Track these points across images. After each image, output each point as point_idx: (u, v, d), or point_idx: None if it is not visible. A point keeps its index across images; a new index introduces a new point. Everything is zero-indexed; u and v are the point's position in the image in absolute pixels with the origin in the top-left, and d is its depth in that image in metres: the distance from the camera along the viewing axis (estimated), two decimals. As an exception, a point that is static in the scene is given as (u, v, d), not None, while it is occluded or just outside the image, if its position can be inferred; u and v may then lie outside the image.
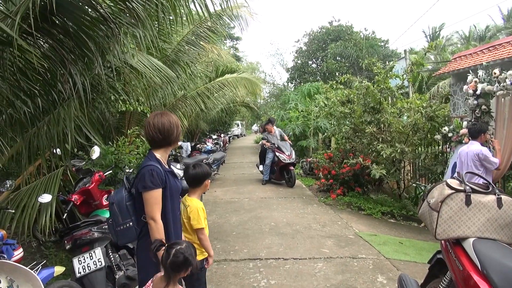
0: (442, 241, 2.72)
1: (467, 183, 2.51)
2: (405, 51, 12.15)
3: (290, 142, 10.83)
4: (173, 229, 2.55)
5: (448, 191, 2.50)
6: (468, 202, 2.45)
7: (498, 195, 2.48)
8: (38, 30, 3.42)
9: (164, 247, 2.18)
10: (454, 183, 2.55)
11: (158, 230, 2.37)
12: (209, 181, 3.01)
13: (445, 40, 27.63)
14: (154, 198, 2.40)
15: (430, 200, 2.58)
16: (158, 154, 2.56)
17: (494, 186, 2.56)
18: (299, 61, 27.10)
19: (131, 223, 2.51)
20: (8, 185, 3.96)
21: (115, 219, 2.53)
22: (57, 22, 3.44)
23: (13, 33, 2.74)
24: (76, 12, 3.45)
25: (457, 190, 2.48)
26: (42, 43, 3.73)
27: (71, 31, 3.53)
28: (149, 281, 2.26)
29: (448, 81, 13.22)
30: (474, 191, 2.48)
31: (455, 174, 6.09)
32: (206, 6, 4.55)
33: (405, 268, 4.55)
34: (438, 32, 28.44)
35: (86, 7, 3.47)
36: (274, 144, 10.13)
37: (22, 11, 2.88)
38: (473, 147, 5.03)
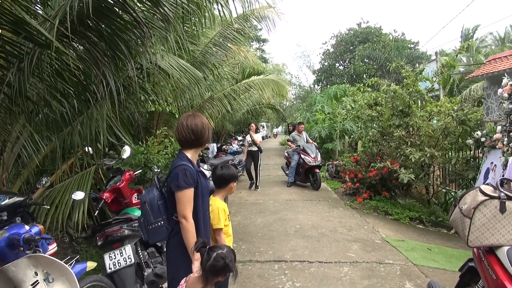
0: (474, 249, 2.65)
1: (502, 190, 2.43)
2: (436, 53, 11.86)
3: (315, 144, 10.75)
4: (203, 228, 2.58)
5: (481, 197, 2.43)
6: (502, 209, 2.37)
7: (535, 202, 2.39)
8: (75, 33, 3.56)
9: (205, 249, 2.21)
10: (488, 189, 2.48)
11: (189, 229, 2.40)
12: (235, 183, 3.00)
13: (479, 42, 26.78)
14: (187, 197, 2.43)
15: (462, 206, 2.52)
16: (189, 154, 2.60)
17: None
18: (326, 63, 26.94)
19: (162, 222, 2.57)
20: (44, 181, 4.13)
21: (147, 218, 2.58)
22: (92, 25, 3.55)
23: (51, 37, 2.85)
24: (110, 16, 3.56)
25: (491, 197, 2.41)
26: (77, 46, 3.88)
27: (105, 34, 3.64)
28: (183, 280, 2.27)
29: (480, 84, 12.80)
30: (509, 198, 2.40)
31: (488, 181, 5.92)
32: (230, 11, 4.63)
33: (433, 275, 4.44)
34: (472, 34, 27.56)
35: (120, 11, 3.57)
36: (299, 146, 10.09)
37: (60, 15, 2.99)
38: None
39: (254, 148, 9.92)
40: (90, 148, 4.66)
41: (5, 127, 3.97)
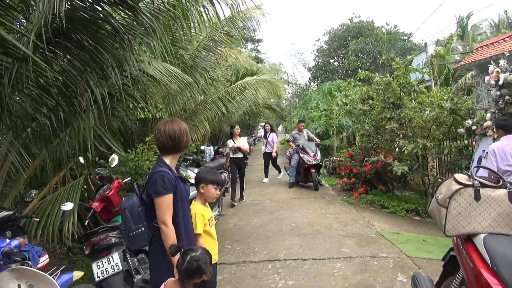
0: (454, 238, 2.67)
1: (476, 177, 2.44)
2: (425, 44, 11.82)
3: (318, 141, 10.62)
4: (184, 233, 2.60)
5: (456, 186, 2.44)
6: (477, 197, 2.38)
7: (509, 188, 2.40)
8: (56, 45, 3.60)
9: (180, 252, 2.23)
10: (463, 178, 2.49)
11: (169, 235, 2.43)
12: (207, 186, 2.85)
13: (473, 29, 26.59)
14: (166, 203, 2.46)
15: (438, 196, 2.53)
16: (167, 160, 2.63)
17: (504, 179, 2.47)
18: (320, 60, 26.96)
19: (143, 228, 2.60)
20: (33, 194, 4.18)
21: (127, 225, 2.62)
22: (73, 36, 3.58)
23: (28, 51, 2.89)
24: (90, 27, 3.59)
25: (465, 185, 2.42)
26: (62, 58, 3.91)
27: (86, 44, 3.66)
28: (162, 286, 2.32)
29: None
30: (484, 185, 2.41)
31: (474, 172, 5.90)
32: (217, 14, 4.64)
33: (427, 266, 4.45)
34: (466, 22, 27.35)
35: (100, 21, 3.60)
36: (298, 145, 9.95)
37: (36, 30, 3.02)
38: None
39: (239, 155, 8.49)
40: (81, 158, 4.70)
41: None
